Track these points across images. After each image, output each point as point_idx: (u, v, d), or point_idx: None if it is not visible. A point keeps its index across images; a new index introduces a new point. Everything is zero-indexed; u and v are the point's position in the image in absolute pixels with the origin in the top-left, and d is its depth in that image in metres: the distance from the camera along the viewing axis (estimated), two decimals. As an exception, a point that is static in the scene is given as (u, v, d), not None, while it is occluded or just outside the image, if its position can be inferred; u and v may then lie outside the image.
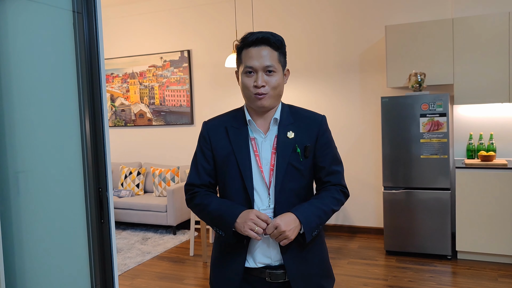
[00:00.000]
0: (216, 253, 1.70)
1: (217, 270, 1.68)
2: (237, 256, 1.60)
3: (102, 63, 1.70)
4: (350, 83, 5.16)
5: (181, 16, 5.98)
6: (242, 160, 1.59)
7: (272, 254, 1.59)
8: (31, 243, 1.71)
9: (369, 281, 3.82)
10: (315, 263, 1.64)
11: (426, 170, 4.25)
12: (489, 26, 4.21)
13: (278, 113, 1.64)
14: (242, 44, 1.60)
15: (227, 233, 1.54)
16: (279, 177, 1.57)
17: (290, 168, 1.59)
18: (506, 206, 3.99)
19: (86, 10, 1.66)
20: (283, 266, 1.59)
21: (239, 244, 1.59)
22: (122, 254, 4.77)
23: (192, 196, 1.67)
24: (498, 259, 4.13)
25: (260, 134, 1.62)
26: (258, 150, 1.61)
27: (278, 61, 1.58)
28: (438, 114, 4.17)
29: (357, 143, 5.17)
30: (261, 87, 1.54)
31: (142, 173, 6.05)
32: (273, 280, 1.59)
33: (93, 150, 1.71)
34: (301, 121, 1.64)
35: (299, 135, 1.61)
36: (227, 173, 1.62)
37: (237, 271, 1.60)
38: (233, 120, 1.66)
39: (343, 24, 5.15)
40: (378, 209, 5.11)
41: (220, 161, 1.63)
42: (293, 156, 1.59)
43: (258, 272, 1.60)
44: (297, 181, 1.61)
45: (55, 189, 1.74)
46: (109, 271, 1.77)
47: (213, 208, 1.59)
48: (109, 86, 6.53)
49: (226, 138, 1.62)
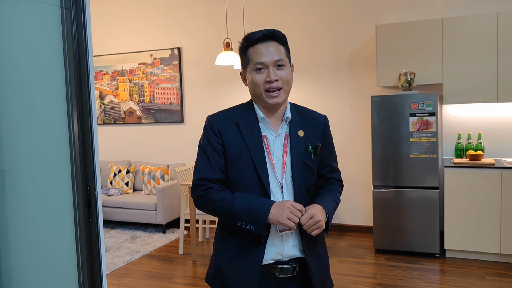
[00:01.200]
0: (227, 253, 1.65)
1: (232, 269, 1.63)
2: (254, 253, 1.58)
3: (91, 60, 1.67)
4: (341, 82, 5.18)
5: (172, 13, 5.94)
6: (257, 157, 1.58)
7: (284, 250, 1.60)
8: (17, 242, 1.69)
9: (358, 280, 3.84)
10: (324, 256, 1.73)
11: (415, 169, 4.28)
12: (478, 27, 4.24)
13: (288, 111, 1.65)
14: (246, 43, 1.60)
15: (259, 226, 1.51)
16: (296, 175, 1.60)
17: (304, 167, 1.62)
18: (493, 204, 4.03)
19: (74, 6, 1.64)
20: (293, 260, 1.62)
21: (256, 241, 1.57)
22: (111, 253, 4.73)
23: (207, 192, 1.58)
24: (485, 257, 4.17)
25: (271, 132, 1.63)
26: (270, 148, 1.61)
27: (285, 55, 1.60)
28: (428, 114, 4.20)
29: (347, 142, 5.18)
30: (274, 81, 1.55)
31: (132, 171, 6.01)
32: (283, 275, 1.61)
33: (81, 148, 1.69)
34: (307, 120, 1.68)
35: (308, 134, 1.65)
36: (241, 171, 1.59)
37: (254, 269, 1.58)
38: (243, 116, 1.63)
39: (333, 23, 5.16)
40: (367, 208, 5.13)
41: (232, 158, 1.59)
42: (306, 155, 1.63)
43: (268, 268, 1.61)
44: (309, 178, 1.65)
45: (42, 188, 1.72)
46: (97, 270, 1.75)
47: (238, 202, 1.53)
48: (98, 83, 6.48)
49: (238, 134, 1.60)
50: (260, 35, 1.57)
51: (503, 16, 4.16)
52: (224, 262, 1.65)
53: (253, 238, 1.58)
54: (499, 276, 3.80)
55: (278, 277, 1.61)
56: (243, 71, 1.65)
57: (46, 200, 1.72)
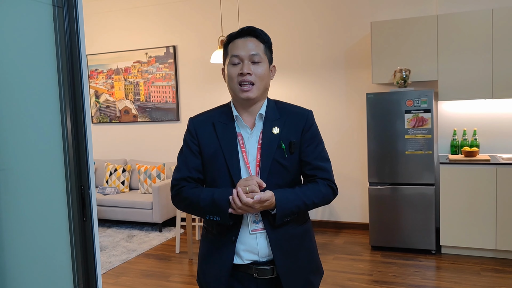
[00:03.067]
0: (204, 250, 1.70)
1: (205, 267, 1.67)
2: (225, 252, 1.60)
3: (84, 58, 1.67)
4: (336, 80, 5.18)
5: (167, 11, 5.92)
6: (229, 156, 1.58)
7: (259, 250, 1.59)
8: (11, 242, 1.68)
9: (354, 276, 3.85)
10: (304, 259, 1.66)
11: (411, 166, 4.29)
12: (473, 23, 4.25)
13: (263, 108, 1.63)
14: (228, 39, 1.62)
15: (222, 215, 1.53)
16: (264, 173, 1.57)
17: (274, 164, 1.58)
18: (488, 201, 4.05)
19: (66, 4, 1.63)
20: (270, 262, 1.60)
21: (227, 240, 1.59)
22: (107, 252, 4.72)
23: (179, 191, 1.63)
24: (481, 253, 4.19)
25: (247, 129, 1.62)
26: (245, 146, 1.61)
27: (264, 53, 1.59)
28: (423, 110, 4.20)
29: (342, 139, 5.19)
30: (247, 74, 1.54)
31: (128, 170, 5.99)
32: (260, 276, 1.60)
33: (74, 147, 1.68)
34: (287, 116, 1.64)
35: (284, 131, 1.61)
36: (215, 170, 1.61)
37: (225, 267, 1.59)
38: (220, 115, 1.65)
39: (328, 21, 5.15)
40: (363, 205, 5.14)
41: (208, 157, 1.62)
42: (278, 152, 1.59)
43: (245, 268, 1.61)
44: (283, 177, 1.61)
45: (35, 187, 1.71)
46: (92, 269, 1.74)
47: (204, 196, 1.57)
48: (94, 82, 6.45)
49: (214, 134, 1.61)
50: (239, 30, 1.59)
51: (497, 12, 4.16)
52: (200, 259, 1.71)
53: (225, 238, 1.60)
54: (494, 272, 3.82)
55: (256, 278, 1.60)
56: (223, 66, 1.67)
57: (40, 199, 1.72)
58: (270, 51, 1.63)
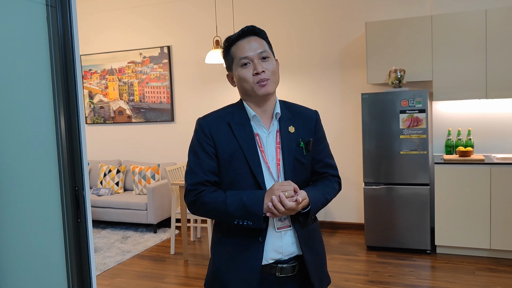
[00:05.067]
0: (224, 255, 1.62)
1: (229, 273, 1.60)
2: (252, 254, 1.56)
3: (77, 59, 1.65)
4: (331, 80, 5.18)
5: (161, 11, 5.90)
6: (250, 156, 1.56)
7: (283, 249, 1.59)
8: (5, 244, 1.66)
9: (350, 277, 3.85)
10: (321, 252, 1.72)
11: (405, 166, 4.30)
12: (467, 24, 4.27)
13: (278, 107, 1.64)
14: (228, 43, 1.62)
15: (256, 220, 1.50)
16: (287, 172, 1.59)
17: (296, 163, 1.61)
18: (483, 200, 4.06)
19: (60, 3, 1.62)
20: (293, 259, 1.61)
21: (254, 242, 1.56)
22: (101, 253, 4.70)
23: (198, 197, 1.56)
24: (475, 253, 4.20)
25: (263, 129, 1.62)
26: (263, 146, 1.60)
27: (268, 48, 1.61)
28: (418, 111, 4.21)
29: (337, 139, 5.19)
30: (262, 72, 1.54)
31: (122, 171, 5.97)
32: (283, 274, 1.60)
33: (68, 148, 1.67)
34: (298, 116, 1.67)
35: (299, 130, 1.64)
36: (234, 171, 1.57)
37: (254, 269, 1.56)
38: (234, 116, 1.62)
39: (323, 21, 5.16)
40: (359, 205, 5.15)
41: (226, 158, 1.57)
42: (298, 151, 1.62)
43: (268, 268, 1.59)
44: (302, 174, 1.64)
45: (29, 189, 1.69)
46: (86, 271, 1.73)
47: (231, 201, 1.52)
48: (88, 82, 6.42)
49: (231, 134, 1.58)
50: (239, 32, 1.58)
51: (491, 13, 4.18)
52: (222, 265, 1.62)
53: (251, 239, 1.56)
54: (489, 271, 3.84)
55: (278, 276, 1.60)
56: (229, 72, 1.64)
57: (34, 200, 1.70)
58: (271, 46, 1.66)
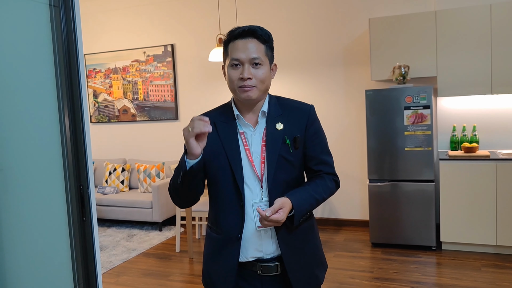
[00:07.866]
0: (208, 250, 1.70)
1: (211, 267, 1.67)
2: (230, 251, 1.59)
3: (81, 58, 1.66)
4: (335, 77, 5.17)
5: (164, 10, 5.91)
6: (231, 154, 1.58)
7: (264, 247, 1.59)
8: (11, 243, 1.68)
9: (355, 274, 3.85)
10: (310, 253, 1.67)
11: (410, 162, 4.28)
12: (471, 19, 4.24)
13: (265, 105, 1.63)
14: (228, 37, 1.59)
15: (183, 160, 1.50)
16: (271, 170, 1.57)
17: (280, 160, 1.59)
18: (488, 196, 4.05)
19: (63, 3, 1.62)
20: (275, 259, 1.60)
21: (232, 238, 1.59)
22: (107, 251, 4.72)
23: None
24: (481, 249, 4.19)
25: (249, 127, 1.62)
26: (248, 144, 1.60)
27: (265, 54, 1.56)
28: (422, 107, 4.20)
29: (342, 136, 5.18)
30: (247, 79, 1.52)
31: (127, 169, 5.99)
32: (265, 273, 1.60)
33: (73, 146, 1.67)
34: (289, 112, 1.64)
35: (288, 126, 1.61)
36: (217, 168, 1.60)
37: (231, 266, 1.59)
38: (221, 115, 1.65)
39: (327, 17, 5.14)
40: (363, 202, 5.14)
41: (209, 156, 1.60)
42: (283, 148, 1.59)
43: (250, 265, 1.61)
44: (289, 172, 1.61)
45: (34, 187, 1.70)
46: (92, 269, 1.74)
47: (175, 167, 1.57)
48: (92, 81, 6.44)
49: (215, 133, 1.60)
50: (240, 30, 1.55)
51: (496, 7, 4.16)
52: (206, 259, 1.71)
53: (230, 235, 1.59)
54: (495, 268, 3.82)
55: (260, 275, 1.60)
56: (224, 64, 1.65)
57: (39, 199, 1.71)
58: (271, 50, 1.61)
